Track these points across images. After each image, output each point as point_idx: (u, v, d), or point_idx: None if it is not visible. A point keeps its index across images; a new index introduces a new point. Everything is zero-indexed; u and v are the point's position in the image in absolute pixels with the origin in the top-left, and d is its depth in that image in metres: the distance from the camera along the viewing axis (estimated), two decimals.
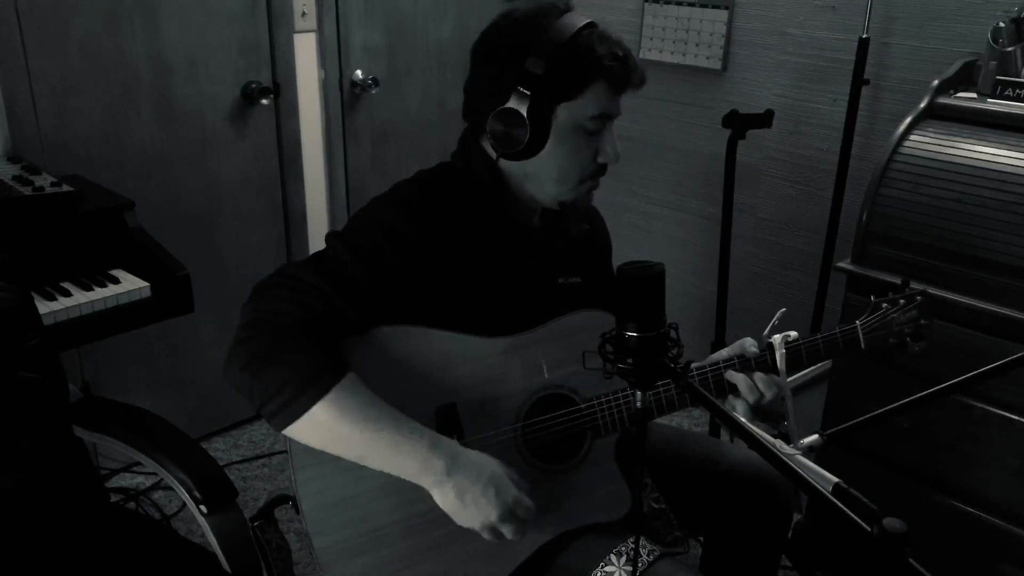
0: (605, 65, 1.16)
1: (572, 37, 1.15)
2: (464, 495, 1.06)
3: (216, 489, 1.31)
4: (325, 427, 1.05)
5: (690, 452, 1.44)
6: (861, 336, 1.23)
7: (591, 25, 1.18)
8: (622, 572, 1.14)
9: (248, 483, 2.41)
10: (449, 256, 1.18)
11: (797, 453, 0.86)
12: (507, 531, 1.08)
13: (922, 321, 1.25)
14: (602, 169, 1.24)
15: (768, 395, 1.20)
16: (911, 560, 0.66)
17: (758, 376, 1.20)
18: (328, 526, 1.11)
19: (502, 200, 1.24)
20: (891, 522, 0.67)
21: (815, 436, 0.97)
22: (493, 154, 1.22)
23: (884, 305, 1.26)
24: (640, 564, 1.14)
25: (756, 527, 1.40)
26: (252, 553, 1.30)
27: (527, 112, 1.15)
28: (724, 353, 1.25)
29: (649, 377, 0.82)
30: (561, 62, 1.14)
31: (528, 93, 1.14)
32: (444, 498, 1.07)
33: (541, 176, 1.22)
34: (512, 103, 1.15)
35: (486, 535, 1.09)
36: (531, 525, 1.10)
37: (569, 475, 1.20)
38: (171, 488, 1.34)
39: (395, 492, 1.12)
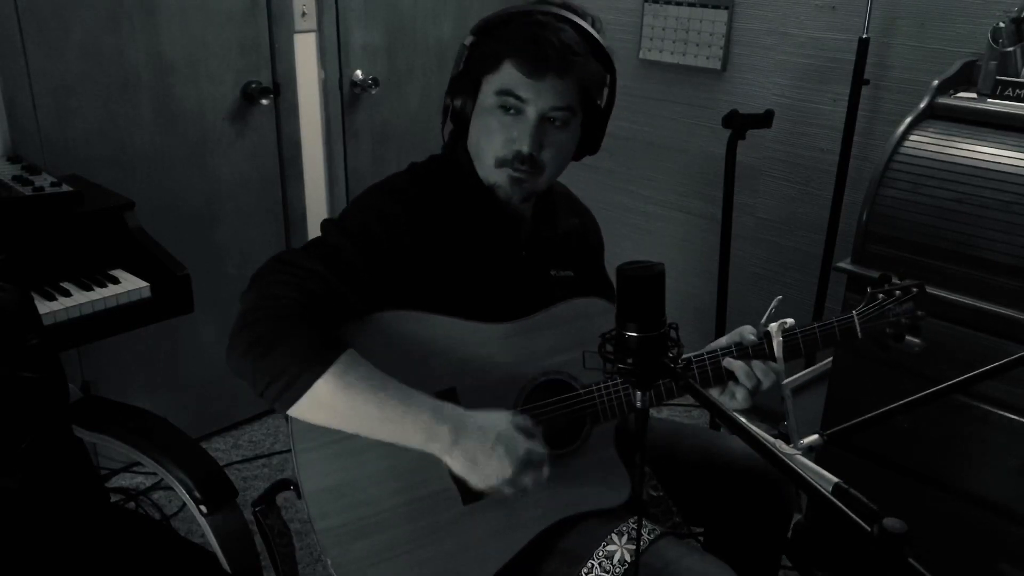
0: (515, 44, 1.17)
1: (510, 14, 1.20)
2: (474, 459, 1.06)
3: (216, 489, 1.31)
4: (329, 404, 1.05)
5: (688, 445, 1.44)
6: (858, 325, 1.24)
7: (551, 14, 1.19)
8: (624, 550, 1.14)
9: (248, 483, 2.41)
10: (440, 242, 1.20)
11: (797, 453, 0.86)
12: (527, 482, 1.09)
13: (918, 312, 1.25)
14: (519, 157, 1.19)
15: (766, 382, 1.21)
16: (911, 560, 0.66)
17: (755, 363, 1.21)
18: (329, 509, 1.11)
19: (487, 188, 1.26)
20: (891, 522, 0.67)
21: (815, 436, 0.97)
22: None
23: (880, 295, 1.26)
24: (641, 543, 1.14)
25: (757, 518, 1.40)
26: (252, 553, 1.30)
27: (454, 80, 1.23)
28: (723, 341, 1.26)
29: (649, 377, 0.82)
30: (486, 35, 1.21)
31: (456, 63, 1.23)
32: (454, 464, 1.07)
33: (471, 154, 1.26)
34: (452, 74, 1.24)
35: (506, 490, 1.09)
36: (545, 474, 1.10)
37: (568, 461, 1.20)
38: (171, 488, 1.34)
39: (397, 476, 1.13)
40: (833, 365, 1.98)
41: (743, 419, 0.81)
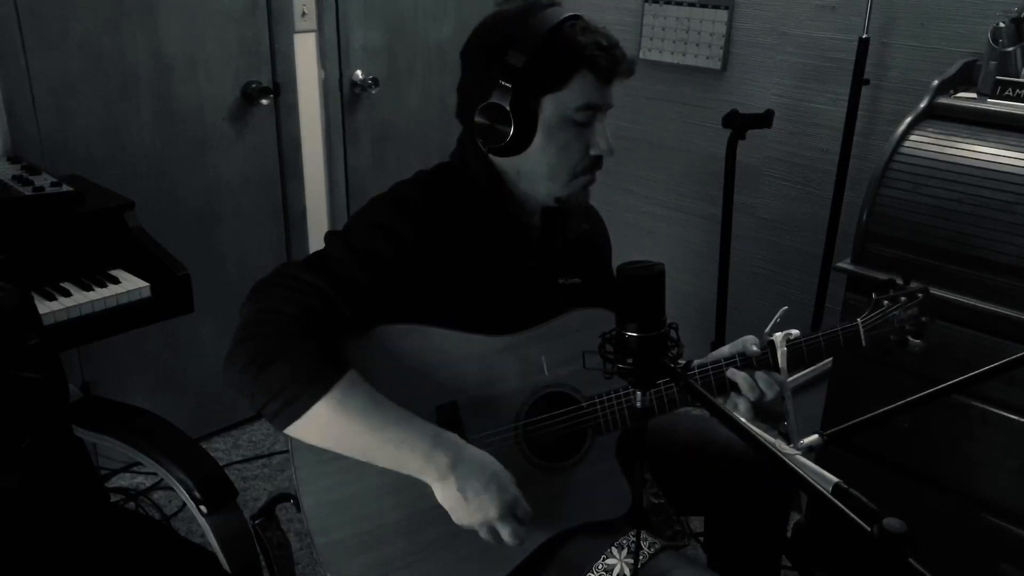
0: (588, 54, 1.16)
1: (553, 28, 1.16)
2: (466, 491, 1.06)
3: (216, 489, 1.31)
4: (327, 425, 1.05)
5: (683, 432, 1.44)
6: (862, 334, 1.23)
7: (574, 17, 1.19)
8: (623, 564, 1.14)
9: (248, 483, 2.41)
10: (447, 255, 1.18)
11: (797, 453, 0.86)
12: (505, 532, 1.08)
13: (923, 319, 1.24)
14: (596, 162, 1.23)
15: (769, 394, 1.20)
16: (911, 560, 0.66)
17: (759, 375, 1.20)
18: (329, 524, 1.11)
19: (500, 199, 1.25)
20: (891, 522, 0.67)
21: (815, 436, 0.97)
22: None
23: (885, 302, 1.25)
24: (641, 556, 1.14)
25: (754, 503, 1.39)
26: (252, 553, 1.30)
27: (510, 106, 1.15)
28: (725, 351, 1.25)
29: (649, 377, 0.82)
30: (542, 53, 1.15)
31: (510, 87, 1.15)
32: (446, 494, 1.07)
33: (533, 172, 1.22)
34: (496, 98, 1.16)
35: (484, 533, 1.09)
36: (528, 531, 1.10)
37: (570, 473, 1.20)
38: (171, 488, 1.34)
39: (396, 491, 1.12)
40: (833, 365, 1.98)
41: (743, 419, 0.81)
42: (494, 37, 1.19)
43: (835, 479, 0.79)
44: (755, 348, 1.23)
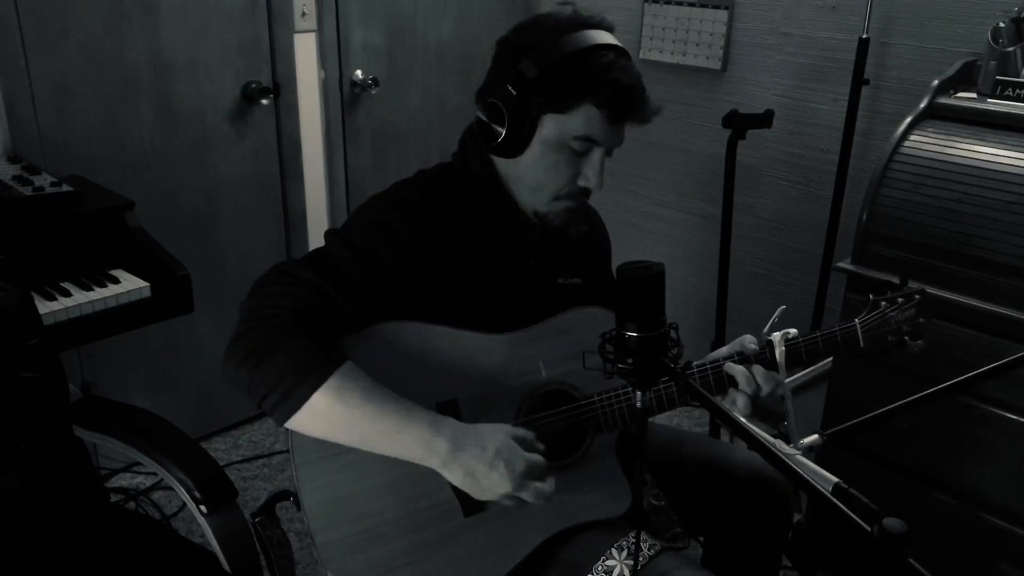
0: (600, 90, 1.14)
1: (577, 52, 1.14)
2: (473, 473, 1.06)
3: (216, 489, 1.31)
4: (325, 416, 1.05)
5: (689, 454, 1.44)
6: (860, 334, 1.23)
7: (608, 48, 1.16)
8: (623, 566, 1.14)
9: (248, 483, 2.41)
10: (447, 255, 1.18)
11: (797, 453, 0.86)
12: (527, 496, 1.08)
13: (920, 320, 1.25)
14: (583, 192, 1.23)
15: (766, 388, 1.20)
16: (911, 560, 0.66)
17: (756, 368, 1.20)
18: (330, 523, 1.11)
19: (500, 199, 1.25)
20: (891, 522, 0.67)
21: (815, 436, 0.97)
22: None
23: (883, 303, 1.26)
24: (641, 558, 1.14)
25: (756, 529, 1.40)
26: (252, 553, 1.30)
27: (510, 112, 1.15)
28: (724, 351, 1.26)
29: (649, 377, 0.82)
30: (555, 73, 1.14)
31: (515, 94, 1.15)
32: (453, 477, 1.07)
33: (520, 180, 1.23)
34: (501, 99, 1.16)
35: (507, 503, 1.09)
36: (552, 485, 1.10)
37: (570, 471, 1.20)
38: (171, 488, 1.34)
39: (398, 488, 1.12)
40: (833, 365, 1.98)
41: (743, 419, 0.81)
42: (521, 39, 1.18)
43: (835, 479, 0.79)
44: (753, 347, 1.23)
